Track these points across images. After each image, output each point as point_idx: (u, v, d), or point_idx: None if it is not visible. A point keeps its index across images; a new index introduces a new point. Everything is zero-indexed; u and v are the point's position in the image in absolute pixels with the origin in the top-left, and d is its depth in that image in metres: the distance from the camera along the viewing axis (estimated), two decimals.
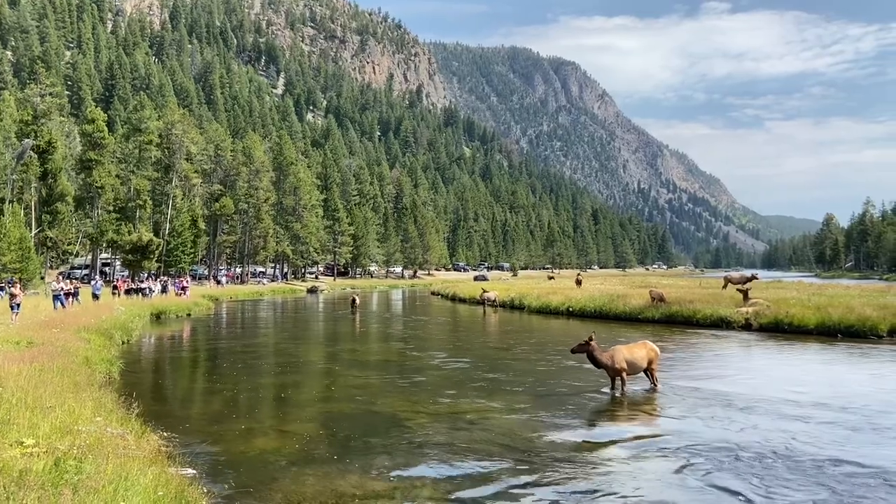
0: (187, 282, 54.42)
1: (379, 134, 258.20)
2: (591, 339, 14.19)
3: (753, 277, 42.09)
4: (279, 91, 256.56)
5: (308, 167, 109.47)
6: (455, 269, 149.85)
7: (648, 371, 14.61)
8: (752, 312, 28.25)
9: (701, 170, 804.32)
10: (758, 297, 31.79)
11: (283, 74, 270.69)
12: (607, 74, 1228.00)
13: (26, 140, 55.94)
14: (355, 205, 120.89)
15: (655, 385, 14.63)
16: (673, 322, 30.49)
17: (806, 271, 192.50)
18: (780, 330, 26.20)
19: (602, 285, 54.94)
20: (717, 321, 28.98)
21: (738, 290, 33.84)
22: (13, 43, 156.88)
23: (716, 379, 16.29)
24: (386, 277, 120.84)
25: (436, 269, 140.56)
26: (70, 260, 63.23)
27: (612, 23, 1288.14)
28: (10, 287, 25.84)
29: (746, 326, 27.66)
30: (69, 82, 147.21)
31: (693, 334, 26.55)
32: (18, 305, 24.38)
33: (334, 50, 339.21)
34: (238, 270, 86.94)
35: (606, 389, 14.57)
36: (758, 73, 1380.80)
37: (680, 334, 26.48)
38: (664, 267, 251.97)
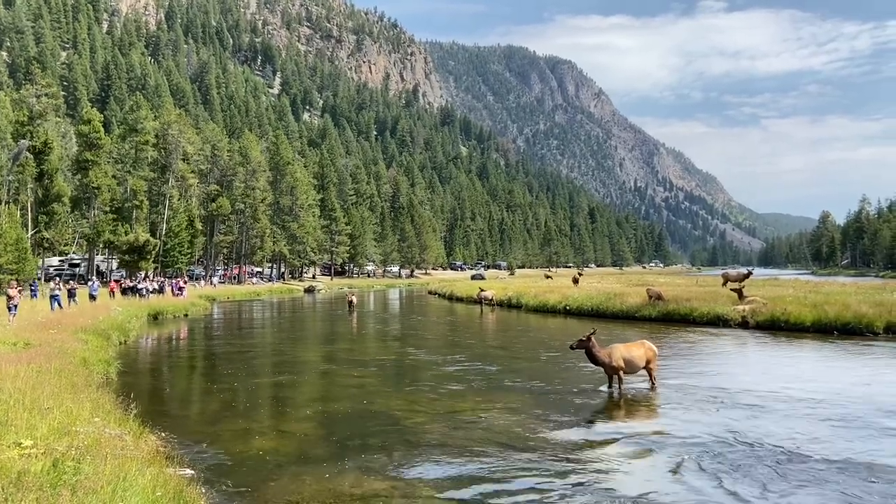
0: (184, 282, 54.34)
1: (375, 133, 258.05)
2: (591, 336, 14.23)
3: (749, 274, 42.08)
4: (275, 91, 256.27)
5: (305, 167, 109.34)
6: (452, 269, 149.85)
7: (646, 370, 14.65)
8: (749, 310, 28.32)
9: (697, 168, 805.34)
10: (754, 294, 31.86)
11: (279, 74, 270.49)
12: (604, 73, 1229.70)
13: (22, 141, 55.77)
14: (352, 204, 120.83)
15: (653, 383, 14.68)
16: (670, 320, 30.55)
17: (802, 269, 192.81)
18: (777, 327, 26.27)
19: (599, 283, 54.98)
20: (714, 319, 29.04)
21: (731, 289, 33.87)
22: (9, 43, 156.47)
23: (713, 377, 16.34)
24: (383, 277, 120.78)
25: (433, 269, 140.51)
26: (42, 263, 59.29)
27: (608, 22, 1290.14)
28: (12, 287, 25.75)
29: (743, 324, 27.73)
30: (65, 83, 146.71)
31: (690, 332, 26.59)
32: (16, 307, 24.34)
33: (330, 49, 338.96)
34: (235, 271, 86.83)
35: (604, 388, 14.60)
36: (754, 71, 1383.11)
37: (677, 332, 26.53)
38: (661, 265, 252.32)
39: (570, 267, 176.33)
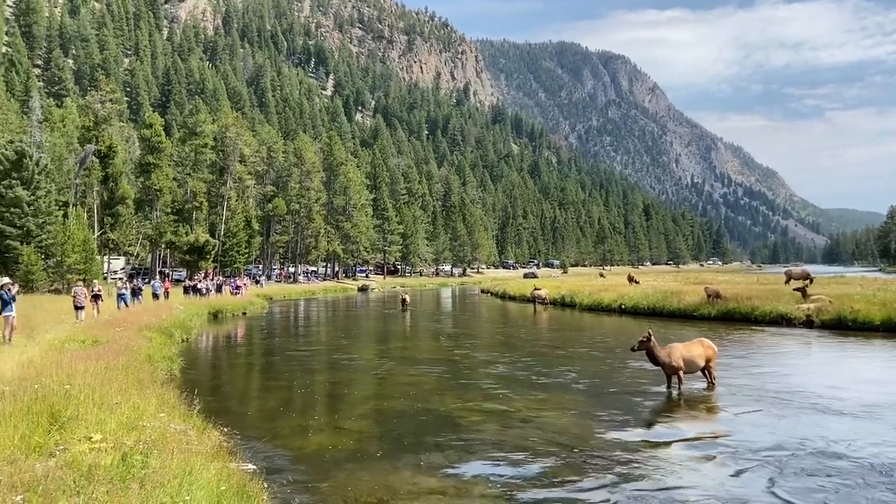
0: (243, 281, 55.59)
1: (427, 133, 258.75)
2: (650, 336, 13.96)
3: (810, 277, 39.87)
4: (328, 92, 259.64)
5: (357, 167, 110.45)
6: (504, 267, 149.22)
7: (706, 369, 14.29)
8: (814, 309, 27.36)
9: (757, 163, 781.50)
10: (819, 292, 30.76)
11: (332, 76, 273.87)
12: (660, 68, 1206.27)
13: (88, 145, 57.92)
14: (404, 204, 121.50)
15: (713, 383, 14.31)
16: (730, 319, 29.74)
17: (869, 266, 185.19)
18: (844, 327, 25.29)
19: (655, 282, 53.96)
20: (776, 318, 28.14)
21: (794, 288, 32.72)
22: (74, 51, 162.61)
23: (776, 378, 15.83)
24: (435, 276, 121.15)
25: (485, 267, 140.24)
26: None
27: (664, 16, 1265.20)
28: (80, 286, 26.72)
29: (808, 323, 26.81)
30: (128, 88, 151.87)
31: (752, 332, 25.86)
32: (82, 308, 25.21)
33: (382, 50, 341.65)
34: (291, 270, 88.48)
35: (662, 388, 14.31)
36: (817, 62, 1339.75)
37: (738, 332, 25.82)
38: (719, 263, 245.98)
39: (614, 264, 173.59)
